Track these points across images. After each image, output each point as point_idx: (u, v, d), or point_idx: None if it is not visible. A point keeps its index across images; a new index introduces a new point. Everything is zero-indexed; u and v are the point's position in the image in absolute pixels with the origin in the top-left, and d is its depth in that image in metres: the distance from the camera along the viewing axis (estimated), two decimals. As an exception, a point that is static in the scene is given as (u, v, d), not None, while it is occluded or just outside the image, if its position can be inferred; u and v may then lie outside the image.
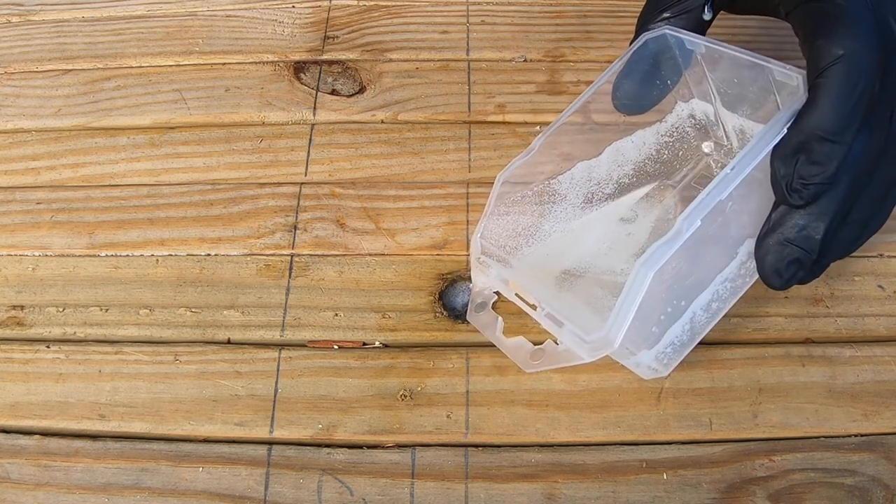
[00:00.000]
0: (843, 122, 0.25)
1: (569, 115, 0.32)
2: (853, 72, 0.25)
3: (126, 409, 0.32)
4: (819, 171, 0.26)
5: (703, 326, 0.31)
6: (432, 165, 0.39)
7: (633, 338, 0.28)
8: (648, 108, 0.34)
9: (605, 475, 0.30)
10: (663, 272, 0.26)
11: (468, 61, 0.44)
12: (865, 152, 0.26)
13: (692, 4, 0.32)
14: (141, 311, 0.35)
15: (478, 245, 0.32)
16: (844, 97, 0.25)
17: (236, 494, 0.30)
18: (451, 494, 0.30)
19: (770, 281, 0.28)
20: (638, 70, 0.32)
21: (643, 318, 0.28)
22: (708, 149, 0.36)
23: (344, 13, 0.47)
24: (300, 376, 0.33)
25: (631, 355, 0.29)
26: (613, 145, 0.35)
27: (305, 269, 0.36)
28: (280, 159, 0.40)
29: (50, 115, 0.42)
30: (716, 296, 0.30)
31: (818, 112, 0.25)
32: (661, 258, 0.25)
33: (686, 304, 0.30)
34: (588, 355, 0.27)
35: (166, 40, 0.46)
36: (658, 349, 0.30)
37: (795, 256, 0.27)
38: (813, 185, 0.26)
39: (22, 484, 0.30)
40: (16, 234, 0.38)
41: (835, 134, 0.25)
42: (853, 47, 0.25)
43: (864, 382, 0.32)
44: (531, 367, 0.30)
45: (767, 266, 0.28)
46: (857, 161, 0.26)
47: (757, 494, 0.29)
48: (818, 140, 0.25)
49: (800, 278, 0.28)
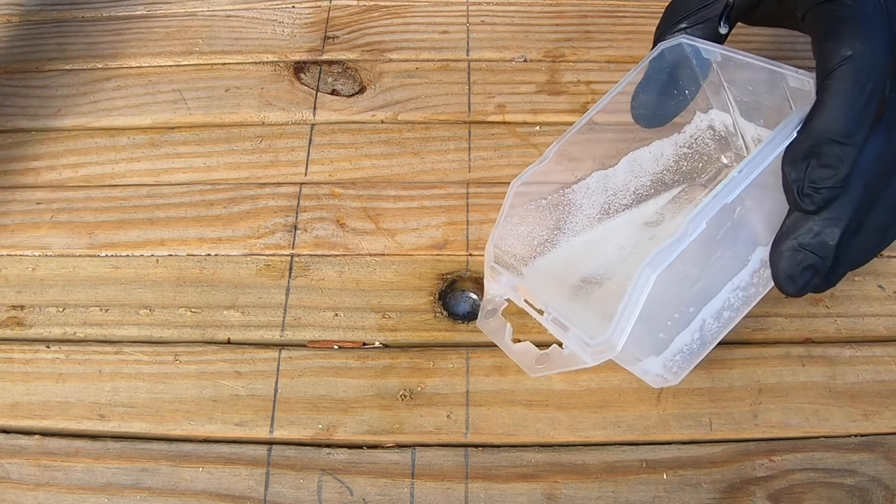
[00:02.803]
0: (853, 123, 0.25)
1: (583, 124, 0.32)
2: (862, 72, 0.25)
3: (126, 409, 0.32)
4: (830, 174, 0.25)
5: (713, 336, 0.30)
6: (432, 165, 0.39)
7: (640, 343, 0.28)
8: (668, 120, 0.34)
9: (605, 475, 0.30)
10: (669, 275, 0.25)
11: (468, 61, 0.44)
12: (880, 155, 0.26)
13: (708, 15, 0.31)
14: (141, 311, 0.35)
15: (491, 253, 0.32)
16: (853, 98, 0.25)
17: (236, 494, 0.30)
18: (451, 494, 0.30)
19: (784, 287, 0.27)
20: (655, 81, 0.32)
21: (649, 323, 0.28)
22: (728, 160, 0.35)
23: (344, 13, 0.47)
24: (300, 376, 0.33)
25: (637, 361, 0.29)
26: (630, 155, 0.35)
27: (305, 269, 0.36)
28: (280, 159, 0.40)
29: (50, 115, 0.42)
30: (727, 304, 0.30)
31: (827, 114, 0.25)
32: (664, 260, 0.25)
33: (695, 311, 0.29)
34: (591, 359, 0.27)
35: (166, 40, 0.46)
36: (666, 356, 0.29)
37: (810, 262, 0.27)
38: (825, 188, 0.25)
39: (22, 484, 0.30)
40: (16, 234, 0.38)
41: (845, 136, 0.25)
42: (861, 48, 0.25)
43: (864, 382, 0.32)
44: (536, 371, 0.30)
45: (781, 272, 0.27)
46: (871, 164, 0.26)
47: (757, 494, 0.29)
48: (828, 143, 0.25)
49: (815, 285, 0.27)
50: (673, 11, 0.33)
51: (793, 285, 0.27)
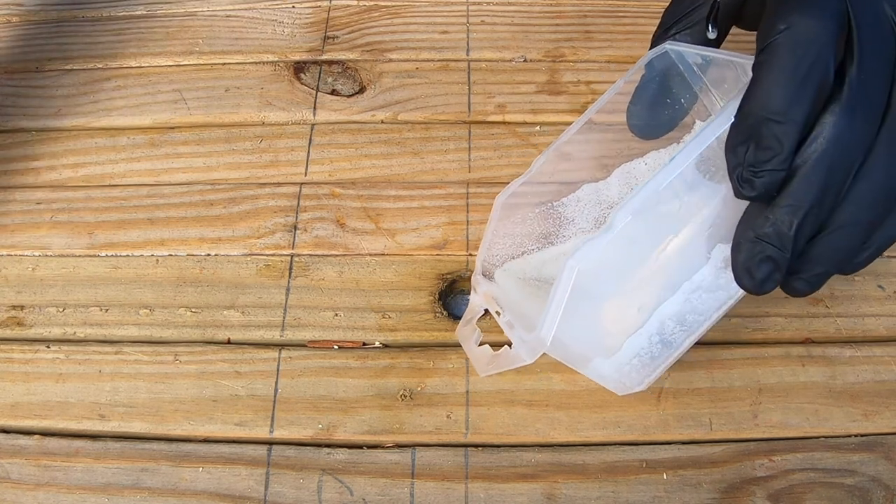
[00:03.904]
0: (788, 98, 0.23)
1: (571, 134, 0.31)
2: (797, 44, 0.23)
3: (126, 409, 0.32)
4: (769, 156, 0.23)
5: (679, 340, 0.29)
6: (432, 165, 0.39)
7: (584, 341, 0.27)
8: (666, 131, 0.32)
9: (605, 475, 0.30)
10: (601, 270, 0.24)
11: (468, 61, 0.44)
12: (841, 139, 0.23)
13: (695, 19, 0.30)
14: (141, 311, 0.35)
15: (478, 268, 0.32)
16: (787, 71, 0.23)
17: (236, 494, 0.30)
18: (450, 494, 0.30)
19: (743, 281, 0.25)
20: (646, 91, 0.31)
21: (586, 320, 0.27)
22: None
23: (344, 13, 0.47)
24: (300, 376, 0.33)
25: (587, 361, 0.28)
26: (623, 167, 0.33)
27: (305, 269, 0.36)
28: (280, 159, 0.40)
29: (50, 115, 0.42)
30: (690, 307, 0.28)
31: (760, 91, 0.23)
32: (588, 254, 0.24)
33: (646, 311, 0.28)
34: (528, 356, 0.26)
35: (166, 40, 0.46)
36: (620, 360, 0.28)
37: (767, 254, 0.24)
38: (765, 172, 0.23)
39: (22, 484, 0.30)
40: (16, 234, 0.38)
41: (780, 113, 0.23)
42: (797, 19, 0.23)
43: (864, 382, 0.32)
44: (484, 371, 0.30)
45: (739, 264, 0.25)
46: (831, 148, 0.23)
47: (757, 494, 0.29)
48: (764, 122, 0.23)
49: (775, 280, 0.25)
50: (664, 18, 0.32)
51: (750, 279, 0.25)
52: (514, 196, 0.32)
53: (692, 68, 0.31)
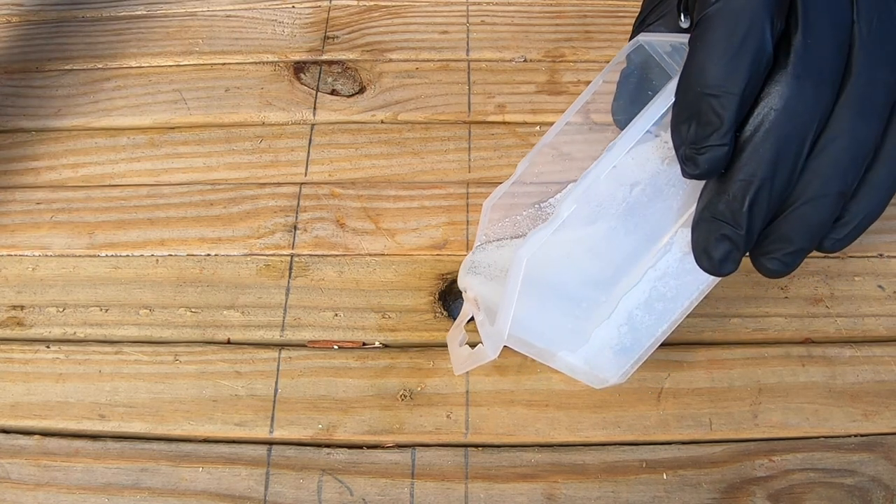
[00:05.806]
0: (723, 70, 0.22)
1: (552, 138, 0.31)
2: (729, 14, 0.22)
3: (126, 409, 0.32)
4: (709, 131, 0.22)
5: (651, 329, 0.28)
6: (432, 165, 0.39)
7: (545, 334, 0.27)
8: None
9: (605, 475, 0.30)
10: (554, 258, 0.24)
11: (468, 61, 0.44)
12: (789, 106, 0.22)
13: (667, 9, 0.30)
14: (141, 311, 0.35)
15: (462, 272, 0.32)
16: (720, 42, 0.22)
17: (236, 494, 0.30)
18: (450, 494, 0.30)
19: (701, 262, 0.24)
20: (628, 86, 0.31)
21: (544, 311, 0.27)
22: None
23: (344, 13, 0.47)
24: (300, 376, 0.33)
25: (552, 355, 0.28)
26: None
27: (305, 270, 0.36)
28: (280, 159, 0.40)
29: (50, 115, 0.42)
30: (657, 294, 0.27)
31: (695, 66, 0.22)
32: (535, 243, 0.24)
33: (610, 301, 0.27)
34: (491, 350, 0.26)
35: (166, 40, 0.46)
36: (588, 352, 0.28)
37: (723, 232, 0.23)
38: (706, 148, 0.22)
39: (22, 484, 0.30)
40: (16, 234, 0.38)
41: (715, 86, 0.22)
42: None
43: (864, 382, 0.32)
44: (458, 369, 0.30)
45: (697, 245, 0.24)
46: (779, 117, 0.22)
47: (757, 494, 0.29)
48: (702, 98, 0.22)
49: (735, 260, 0.24)
50: (642, 7, 0.31)
51: (709, 259, 0.24)
52: (514, 197, 0.32)
53: (665, 58, 0.30)
